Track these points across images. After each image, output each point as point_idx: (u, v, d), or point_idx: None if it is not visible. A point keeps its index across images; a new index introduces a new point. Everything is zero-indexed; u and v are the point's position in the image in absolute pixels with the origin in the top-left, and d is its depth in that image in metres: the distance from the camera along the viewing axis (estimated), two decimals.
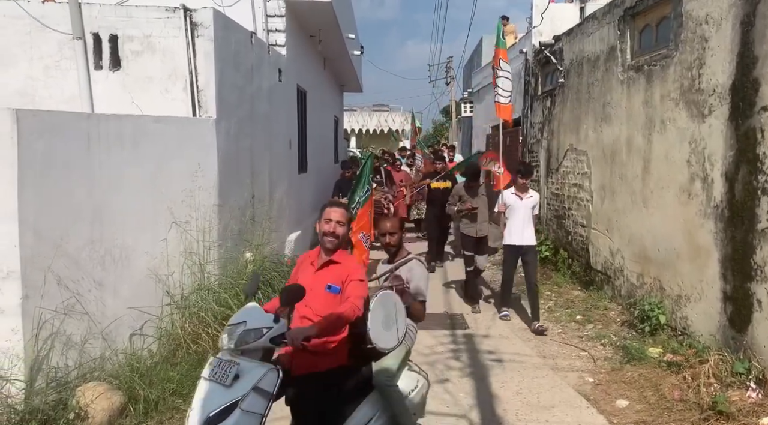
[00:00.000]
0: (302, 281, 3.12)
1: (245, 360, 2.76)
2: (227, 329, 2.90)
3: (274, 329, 2.82)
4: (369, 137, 33.05)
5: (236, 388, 2.65)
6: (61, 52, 5.66)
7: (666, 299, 5.76)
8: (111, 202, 4.57)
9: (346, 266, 3.18)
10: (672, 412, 4.34)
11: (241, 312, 2.98)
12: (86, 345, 4.27)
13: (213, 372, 2.71)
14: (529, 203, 6.73)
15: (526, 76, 11.08)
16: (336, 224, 3.19)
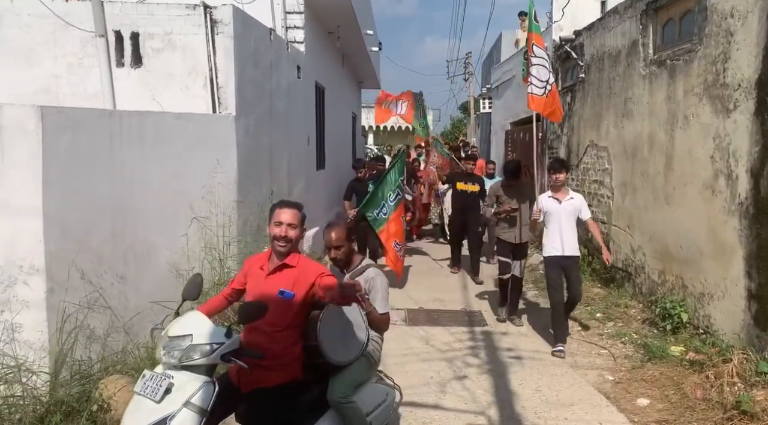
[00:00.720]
0: (252, 288, 2.96)
1: (181, 374, 2.56)
2: (167, 341, 2.65)
3: (225, 345, 2.61)
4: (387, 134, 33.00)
5: (166, 404, 2.48)
6: (84, 50, 5.73)
7: (688, 297, 5.68)
8: (133, 198, 4.62)
9: (303, 269, 2.95)
10: (694, 411, 4.28)
11: (185, 322, 2.70)
12: (109, 339, 4.33)
13: (145, 386, 2.54)
14: (570, 206, 5.67)
15: None
16: (287, 227, 2.94)
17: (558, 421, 4.28)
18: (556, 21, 10.27)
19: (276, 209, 3.02)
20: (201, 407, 2.52)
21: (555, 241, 5.66)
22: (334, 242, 3.40)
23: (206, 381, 2.59)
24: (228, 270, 5.51)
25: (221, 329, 2.69)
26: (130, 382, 4.11)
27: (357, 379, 3.11)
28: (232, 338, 2.67)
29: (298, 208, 3.05)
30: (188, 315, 2.79)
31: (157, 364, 3.65)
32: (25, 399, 3.62)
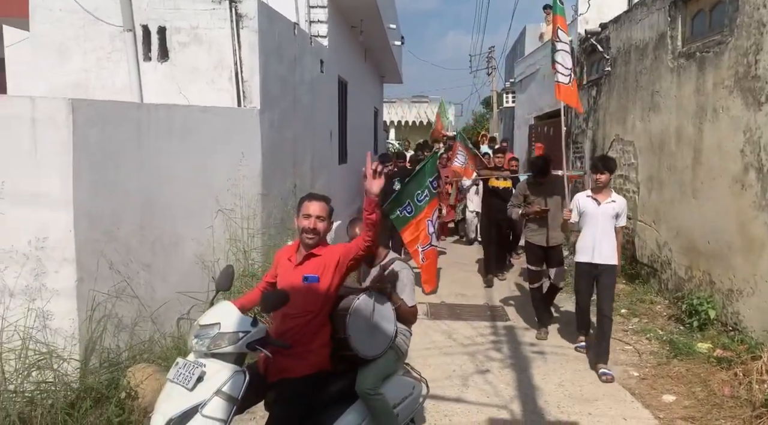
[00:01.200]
0: (281, 279, 3.01)
1: (212, 362, 2.60)
2: (198, 329, 2.71)
3: (251, 333, 2.65)
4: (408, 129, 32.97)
5: (198, 392, 2.52)
6: (113, 45, 5.83)
7: (716, 293, 5.59)
8: (160, 190, 4.70)
9: (328, 254, 3.00)
10: (722, 408, 4.22)
11: (215, 312, 2.76)
12: (136, 328, 4.41)
13: (177, 374, 2.59)
14: (610, 209, 5.05)
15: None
16: (315, 219, 2.98)
17: (581, 416, 4.25)
18: (582, 14, 10.14)
19: (304, 202, 3.05)
20: (231, 395, 2.56)
21: (587, 246, 5.09)
22: (357, 233, 3.39)
23: (237, 370, 2.63)
24: (252, 262, 5.58)
25: (248, 318, 2.73)
26: (156, 371, 4.19)
27: (385, 371, 3.13)
28: (258, 327, 2.71)
29: (326, 201, 3.09)
30: (218, 305, 2.83)
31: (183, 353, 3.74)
32: (56, 385, 3.71)
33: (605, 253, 5.03)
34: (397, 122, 33.26)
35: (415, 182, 6.57)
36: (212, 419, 2.50)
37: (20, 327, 3.67)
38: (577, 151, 10.40)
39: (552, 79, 12.54)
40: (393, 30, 13.09)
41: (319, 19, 8.50)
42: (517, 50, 19.04)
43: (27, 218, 3.74)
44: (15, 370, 3.60)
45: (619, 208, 5.09)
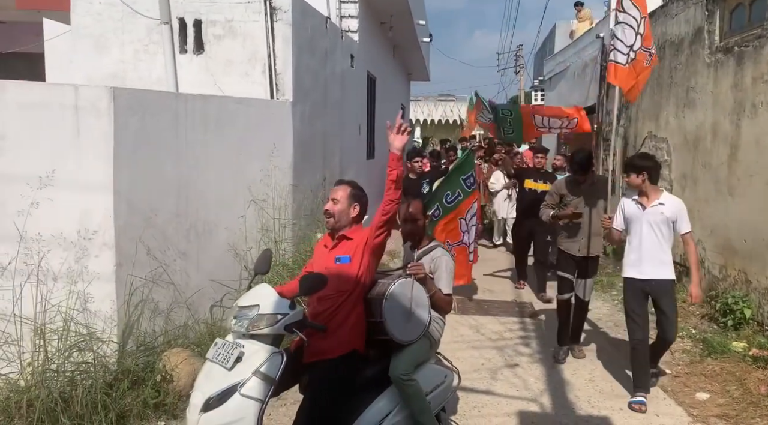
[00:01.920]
0: (317, 264, 3.08)
1: (250, 343, 2.65)
2: (237, 310, 2.77)
3: (289, 316, 2.70)
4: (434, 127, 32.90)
5: (237, 372, 2.57)
6: (150, 37, 5.94)
7: (752, 292, 5.48)
8: (195, 178, 4.78)
9: (359, 236, 3.09)
10: (758, 407, 4.14)
11: (254, 294, 2.82)
12: (171, 313, 4.50)
13: (217, 354, 2.65)
14: (656, 214, 4.28)
15: (602, 61, 10.72)
16: (332, 202, 3.11)
17: (613, 411, 4.21)
18: (614, 9, 9.99)
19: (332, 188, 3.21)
20: (269, 376, 2.61)
21: (632, 259, 4.41)
22: (411, 215, 3.49)
23: (275, 351, 2.68)
24: (283, 252, 5.64)
25: (286, 301, 2.78)
26: (191, 355, 4.27)
27: (418, 358, 3.14)
28: (296, 310, 2.76)
29: (348, 184, 3.21)
30: (257, 288, 2.88)
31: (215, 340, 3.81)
32: (95, 366, 3.81)
33: (654, 266, 4.29)
34: (423, 120, 33.20)
35: (446, 184, 6.17)
36: (250, 398, 2.55)
37: (62, 308, 3.77)
38: (607, 148, 10.27)
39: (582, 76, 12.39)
40: (422, 27, 13.07)
41: (350, 14, 8.54)
42: (546, 47, 18.87)
43: (70, 203, 3.85)
44: (57, 350, 3.71)
45: (670, 211, 4.28)
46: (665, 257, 4.31)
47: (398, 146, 2.98)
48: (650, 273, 4.30)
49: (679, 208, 4.32)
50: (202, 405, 2.54)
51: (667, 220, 4.28)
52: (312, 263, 3.27)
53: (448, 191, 6.13)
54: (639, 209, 4.38)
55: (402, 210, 3.52)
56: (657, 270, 4.30)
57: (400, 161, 2.99)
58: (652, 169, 4.35)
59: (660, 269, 4.29)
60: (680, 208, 4.33)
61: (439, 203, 6.11)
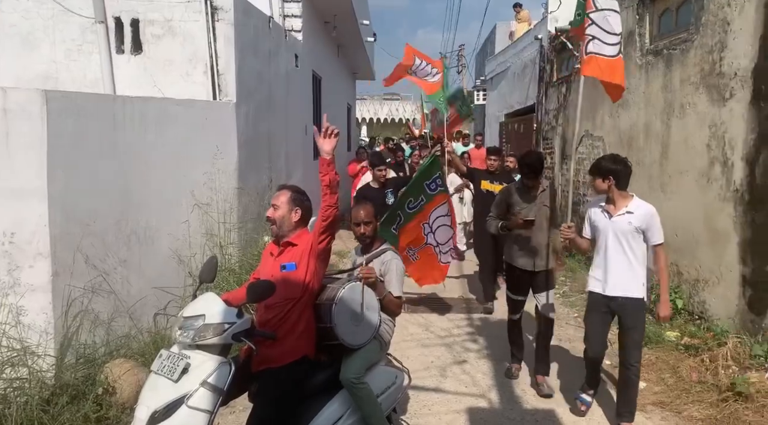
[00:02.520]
0: (264, 272, 3.05)
1: (197, 354, 2.60)
2: (182, 321, 2.70)
3: (237, 324, 2.66)
4: (380, 126, 33.03)
5: (184, 383, 2.52)
6: (84, 37, 5.72)
7: (683, 283, 5.77)
8: (136, 183, 4.64)
9: (304, 240, 3.04)
10: (690, 393, 4.37)
11: (199, 303, 2.76)
12: (113, 323, 4.35)
13: (162, 366, 2.59)
14: (623, 223, 3.79)
15: (541, 62, 11.04)
16: (272, 208, 3.08)
17: (558, 404, 4.35)
18: (552, 11, 10.31)
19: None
20: (217, 386, 2.57)
21: (598, 272, 3.94)
22: (362, 218, 3.48)
23: (222, 361, 2.64)
24: (229, 257, 5.55)
25: (233, 309, 2.74)
26: (134, 366, 4.15)
27: (369, 361, 3.16)
28: (243, 318, 2.72)
29: (287, 188, 3.18)
30: (203, 297, 2.83)
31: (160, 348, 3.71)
32: (30, 382, 3.64)
33: (621, 282, 3.81)
34: (369, 119, 33.28)
35: (409, 191, 5.68)
36: (198, 410, 2.51)
37: None
38: (547, 147, 10.58)
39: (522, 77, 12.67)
40: (365, 26, 13.10)
41: (293, 14, 8.47)
42: (487, 48, 19.24)
43: (0, 212, 3.66)
44: None
45: (639, 220, 3.76)
46: (635, 272, 3.80)
47: (327, 150, 2.95)
48: (617, 290, 3.82)
49: (650, 216, 3.78)
50: (148, 420, 2.48)
51: (635, 230, 3.77)
52: (259, 271, 3.23)
53: (411, 198, 5.70)
54: (605, 217, 3.88)
55: (353, 214, 3.55)
56: (624, 287, 3.81)
57: (331, 165, 2.95)
58: (620, 173, 3.80)
59: (628, 285, 3.80)
60: (651, 216, 3.79)
61: (401, 211, 5.70)
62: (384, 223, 5.46)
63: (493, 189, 6.49)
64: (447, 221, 5.80)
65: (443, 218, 5.85)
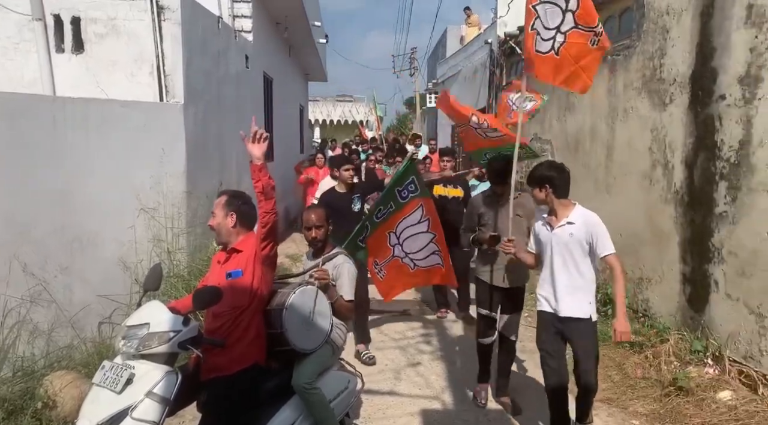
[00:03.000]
0: (211, 280, 3.00)
1: (141, 364, 2.53)
2: (125, 330, 2.63)
3: (183, 332, 2.61)
4: (333, 128, 32.91)
5: (128, 395, 2.45)
6: (20, 34, 5.47)
7: (628, 282, 5.95)
8: (78, 187, 4.48)
9: (249, 246, 2.99)
10: (635, 389, 4.52)
11: (144, 312, 2.69)
12: (53, 334, 4.19)
13: (104, 377, 2.51)
14: (565, 235, 3.46)
15: (491, 66, 11.22)
16: (212, 215, 3.05)
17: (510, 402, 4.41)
18: (501, 16, 10.50)
19: None
20: (163, 396, 2.50)
21: (545, 289, 3.62)
22: (314, 222, 3.48)
23: (168, 370, 2.57)
24: (177, 263, 5.41)
25: (179, 317, 2.67)
26: (77, 378, 3.99)
27: (321, 366, 3.14)
28: (190, 326, 2.66)
29: (223, 193, 3.14)
30: (147, 305, 2.76)
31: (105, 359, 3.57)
32: None
33: (567, 301, 3.47)
34: (322, 121, 33.11)
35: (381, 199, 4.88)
36: (144, 421, 2.44)
37: None
38: None
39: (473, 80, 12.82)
40: (317, 28, 13.02)
41: (243, 14, 8.34)
42: (439, 52, 19.44)
43: None
44: None
45: (581, 231, 3.41)
46: (582, 289, 3.46)
47: (258, 155, 2.94)
48: (563, 309, 3.48)
49: (593, 225, 3.42)
50: None
51: (578, 242, 3.42)
52: (207, 279, 3.16)
53: (381, 206, 4.85)
54: (547, 230, 3.56)
55: (304, 217, 3.53)
56: (571, 306, 3.46)
57: (263, 170, 2.92)
58: (557, 180, 3.48)
59: (574, 304, 3.45)
60: (594, 225, 3.43)
61: (369, 221, 4.84)
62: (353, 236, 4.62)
63: (447, 194, 6.14)
64: (421, 228, 4.78)
65: (415, 226, 4.85)
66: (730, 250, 4.52)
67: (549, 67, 3.86)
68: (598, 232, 3.43)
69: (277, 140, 10.85)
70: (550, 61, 3.82)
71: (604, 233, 3.44)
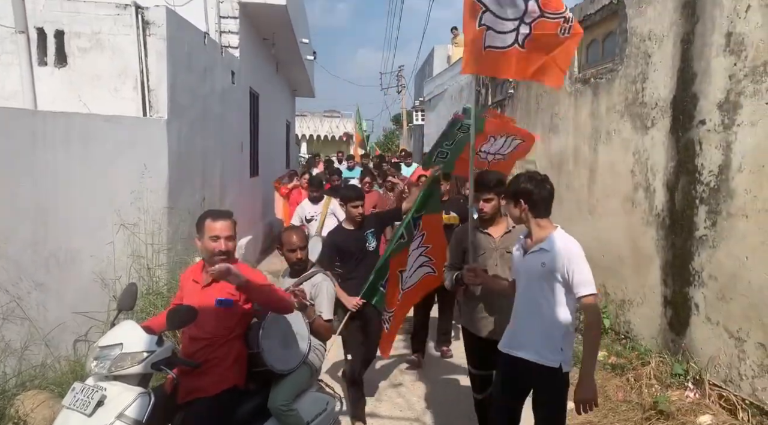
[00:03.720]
0: (189, 301, 2.89)
1: (113, 385, 2.48)
2: (97, 351, 2.57)
3: (156, 353, 2.56)
4: (321, 143, 32.96)
5: (98, 417, 2.38)
6: (2, 46, 5.42)
7: (610, 304, 5.98)
8: (57, 202, 4.41)
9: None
10: (616, 413, 4.50)
11: (116, 331, 2.63)
12: (27, 352, 4.09)
13: (75, 400, 2.45)
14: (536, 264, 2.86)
15: (477, 86, 11.31)
16: (225, 240, 2.84)
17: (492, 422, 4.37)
18: None
19: (207, 222, 2.90)
20: (135, 419, 2.44)
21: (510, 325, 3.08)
22: (297, 243, 3.43)
23: (141, 392, 2.52)
24: (157, 280, 5.33)
25: (153, 337, 2.62)
26: (49, 397, 3.90)
27: (298, 387, 3.10)
28: (164, 346, 2.62)
29: (230, 217, 2.97)
30: (120, 325, 2.71)
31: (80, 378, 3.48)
32: None
33: (531, 342, 2.87)
34: (309, 136, 33.16)
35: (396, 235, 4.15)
36: None
37: None
38: None
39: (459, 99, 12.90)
40: (306, 45, 13.07)
41: (230, 30, 8.35)
42: (426, 70, 19.61)
43: None
44: None
45: (554, 261, 2.77)
46: (548, 331, 2.85)
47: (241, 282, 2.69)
48: (523, 351, 2.90)
49: (572, 256, 2.76)
50: None
51: (551, 274, 2.78)
52: (182, 298, 3.06)
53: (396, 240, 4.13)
54: (520, 254, 2.99)
55: (285, 239, 3.49)
56: (535, 349, 2.87)
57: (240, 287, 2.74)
58: (535, 195, 2.91)
59: (538, 348, 2.86)
60: (573, 256, 2.76)
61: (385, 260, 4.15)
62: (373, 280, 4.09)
63: (446, 221, 5.13)
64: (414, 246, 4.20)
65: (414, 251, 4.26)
66: (710, 274, 4.55)
67: (514, 62, 3.33)
68: (575, 265, 2.75)
69: (262, 156, 10.83)
70: (514, 55, 3.30)
71: (582, 268, 2.76)
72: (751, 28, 4.16)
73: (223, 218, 2.91)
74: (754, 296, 4.11)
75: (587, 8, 6.69)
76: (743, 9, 4.22)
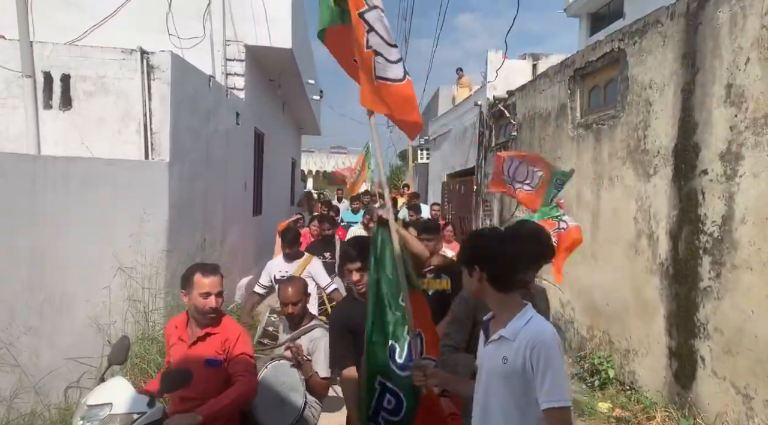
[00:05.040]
0: (176, 360, 2.83)
1: None
2: (85, 410, 2.48)
3: (147, 415, 2.49)
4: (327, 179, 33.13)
5: None
6: (8, 90, 5.48)
7: (614, 353, 5.85)
8: (53, 247, 4.39)
9: (225, 334, 2.80)
10: None
11: (106, 389, 2.55)
12: (16, 400, 4.00)
13: None
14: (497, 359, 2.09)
15: (480, 127, 11.38)
16: (215, 297, 2.79)
17: None
18: (490, 81, 10.72)
19: (197, 277, 2.81)
20: None
21: None
22: (291, 298, 3.35)
23: None
24: (153, 324, 5.26)
25: (144, 398, 2.56)
26: None
27: None
28: (155, 408, 2.55)
29: (219, 271, 2.91)
30: (110, 382, 2.64)
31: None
32: None
33: None
34: (315, 171, 33.35)
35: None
36: None
37: None
38: (486, 209, 10.78)
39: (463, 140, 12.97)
40: (312, 85, 13.23)
41: (236, 72, 8.46)
42: (431, 110, 19.79)
43: None
44: None
45: (517, 356, 2.04)
46: None
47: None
48: None
49: (540, 347, 1.99)
50: None
51: (514, 373, 2.04)
52: (170, 355, 2.99)
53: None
54: (482, 342, 2.25)
55: (281, 291, 3.42)
56: None
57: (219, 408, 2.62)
58: (498, 259, 2.12)
59: None
60: (542, 347, 1.99)
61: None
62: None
63: (437, 287, 4.01)
64: None
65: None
66: (715, 326, 4.45)
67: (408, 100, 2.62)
68: (545, 362, 1.97)
69: (266, 194, 10.85)
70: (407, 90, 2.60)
71: (554, 366, 1.97)
72: (750, 81, 4.17)
73: (214, 274, 2.84)
74: (761, 351, 4.00)
75: (589, 55, 6.75)
76: (743, 62, 4.23)
